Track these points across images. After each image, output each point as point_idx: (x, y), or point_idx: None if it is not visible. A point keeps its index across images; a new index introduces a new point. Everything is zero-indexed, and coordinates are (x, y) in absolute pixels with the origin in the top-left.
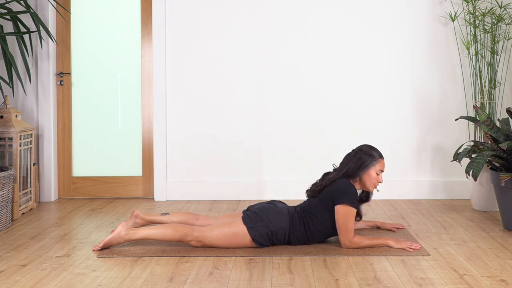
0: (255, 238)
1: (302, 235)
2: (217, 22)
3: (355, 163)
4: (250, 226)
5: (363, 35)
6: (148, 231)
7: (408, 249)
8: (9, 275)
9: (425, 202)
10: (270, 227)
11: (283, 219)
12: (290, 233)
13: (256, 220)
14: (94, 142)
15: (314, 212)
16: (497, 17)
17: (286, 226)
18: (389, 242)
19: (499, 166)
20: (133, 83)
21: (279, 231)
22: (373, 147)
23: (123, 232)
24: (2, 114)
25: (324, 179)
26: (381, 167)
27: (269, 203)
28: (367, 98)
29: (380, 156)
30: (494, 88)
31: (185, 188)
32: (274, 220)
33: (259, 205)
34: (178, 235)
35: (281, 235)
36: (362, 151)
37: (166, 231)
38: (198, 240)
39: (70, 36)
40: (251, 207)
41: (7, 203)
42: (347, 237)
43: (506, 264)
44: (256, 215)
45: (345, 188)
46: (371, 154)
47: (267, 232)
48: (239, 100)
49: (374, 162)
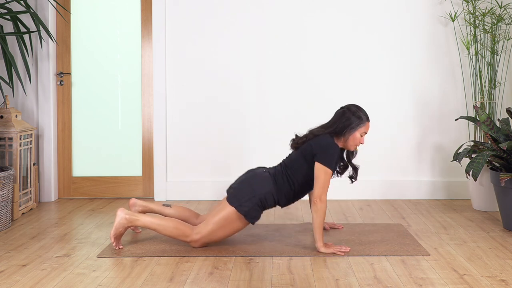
0: (247, 215)
1: (288, 192)
2: (217, 22)
3: (343, 123)
4: (238, 205)
5: (363, 35)
6: (150, 220)
7: (339, 253)
8: (9, 275)
9: (425, 202)
10: (257, 197)
11: (266, 183)
12: (277, 193)
13: (241, 196)
14: (94, 142)
15: (296, 165)
16: (497, 17)
17: (271, 188)
18: (320, 244)
19: (499, 166)
20: (133, 83)
21: (266, 196)
22: (360, 107)
23: (124, 216)
24: (2, 114)
25: (308, 133)
26: (366, 129)
27: (248, 172)
28: (367, 98)
29: (367, 119)
30: (494, 88)
31: (185, 188)
32: (258, 188)
33: (238, 179)
34: (178, 232)
35: (270, 199)
36: (350, 110)
37: (168, 225)
38: (195, 240)
39: (70, 36)
40: (233, 185)
41: (7, 203)
42: (319, 193)
43: (506, 264)
44: (239, 191)
45: (328, 147)
46: (359, 116)
47: (256, 202)
48: (239, 100)
49: (361, 124)
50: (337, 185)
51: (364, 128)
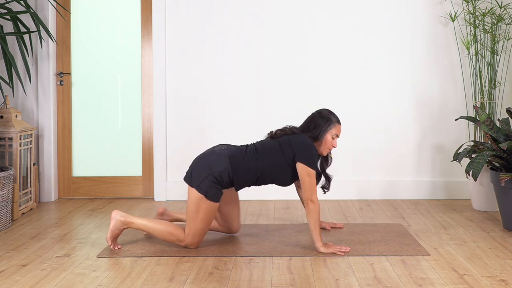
0: (207, 194)
1: (247, 175)
2: (217, 22)
3: (316, 127)
4: (196, 185)
5: (363, 35)
6: (145, 223)
7: (339, 253)
8: (9, 275)
9: (425, 202)
10: (213, 174)
11: (222, 161)
12: (233, 173)
13: (198, 176)
14: (94, 142)
15: (270, 153)
16: (497, 17)
17: (227, 167)
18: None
19: (499, 166)
20: (133, 83)
21: (222, 174)
22: (332, 111)
23: (119, 218)
24: (2, 114)
25: (286, 128)
26: (337, 131)
27: (207, 150)
28: (367, 98)
29: (338, 121)
30: (494, 88)
31: (185, 188)
32: (213, 166)
33: (197, 157)
34: (172, 238)
35: (226, 177)
36: (320, 114)
37: (162, 229)
38: (190, 243)
39: (70, 36)
40: (191, 165)
41: (7, 203)
42: (309, 196)
43: (506, 264)
44: (195, 171)
45: (309, 148)
46: (328, 118)
47: (212, 180)
48: (239, 100)
49: (331, 126)
50: (337, 185)
51: (335, 129)
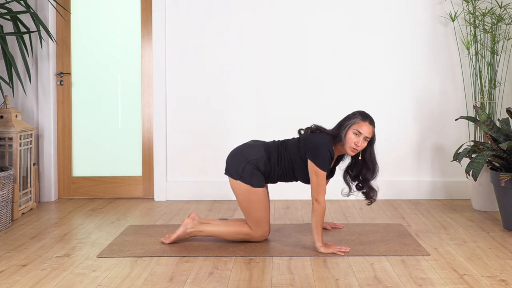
0: (252, 182)
1: (274, 166)
2: (217, 22)
3: (338, 124)
4: (239, 177)
5: (363, 35)
6: (214, 229)
7: (339, 253)
8: (9, 275)
9: (425, 202)
10: (251, 162)
11: (257, 150)
12: (266, 162)
13: (236, 168)
14: (94, 142)
15: (289, 149)
16: (497, 17)
17: (263, 154)
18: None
19: (499, 166)
20: (133, 83)
21: (258, 161)
22: (362, 111)
23: (190, 227)
24: (2, 114)
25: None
26: (358, 127)
27: (240, 145)
28: (367, 98)
29: (363, 119)
30: (494, 88)
31: (185, 188)
32: (249, 155)
33: (230, 152)
34: (242, 237)
35: (262, 164)
36: (349, 114)
37: (229, 231)
38: (259, 235)
39: (70, 36)
40: (226, 160)
41: (7, 203)
42: (314, 195)
43: (506, 264)
44: (232, 164)
45: (319, 146)
46: (353, 115)
47: (252, 167)
48: (239, 100)
49: (353, 122)
50: (337, 185)
51: (357, 126)
